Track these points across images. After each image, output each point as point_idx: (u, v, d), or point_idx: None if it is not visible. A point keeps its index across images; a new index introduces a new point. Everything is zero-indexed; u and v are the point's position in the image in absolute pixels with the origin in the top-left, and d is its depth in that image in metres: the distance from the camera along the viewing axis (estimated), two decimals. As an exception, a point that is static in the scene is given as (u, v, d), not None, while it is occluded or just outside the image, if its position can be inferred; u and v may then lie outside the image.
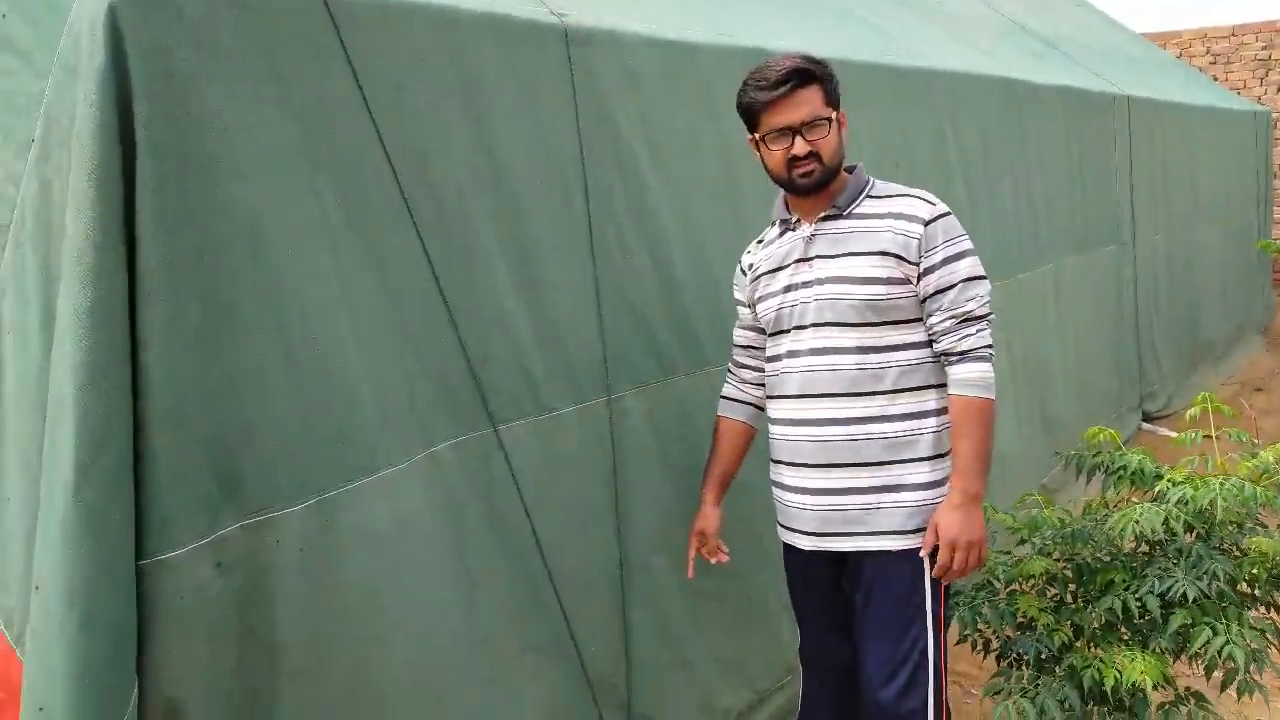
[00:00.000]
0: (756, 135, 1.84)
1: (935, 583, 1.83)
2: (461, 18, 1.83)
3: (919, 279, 1.79)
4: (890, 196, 1.85)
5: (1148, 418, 5.33)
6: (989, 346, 1.79)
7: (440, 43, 1.79)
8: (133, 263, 1.31)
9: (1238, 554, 2.07)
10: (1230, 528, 2.08)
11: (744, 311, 2.05)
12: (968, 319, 1.77)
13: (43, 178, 1.39)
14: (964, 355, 1.77)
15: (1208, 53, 9.27)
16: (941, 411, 1.83)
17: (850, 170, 1.89)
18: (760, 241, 2.02)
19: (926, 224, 1.79)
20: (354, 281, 1.62)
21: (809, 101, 1.78)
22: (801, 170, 1.79)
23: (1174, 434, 5.51)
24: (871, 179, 1.89)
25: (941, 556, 1.77)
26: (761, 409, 2.06)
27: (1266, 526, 2.14)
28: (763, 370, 2.03)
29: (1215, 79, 9.16)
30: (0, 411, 1.50)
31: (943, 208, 1.81)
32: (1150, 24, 9.09)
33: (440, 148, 1.79)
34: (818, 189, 1.83)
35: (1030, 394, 3.74)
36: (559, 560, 1.98)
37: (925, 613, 1.82)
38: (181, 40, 1.37)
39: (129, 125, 1.30)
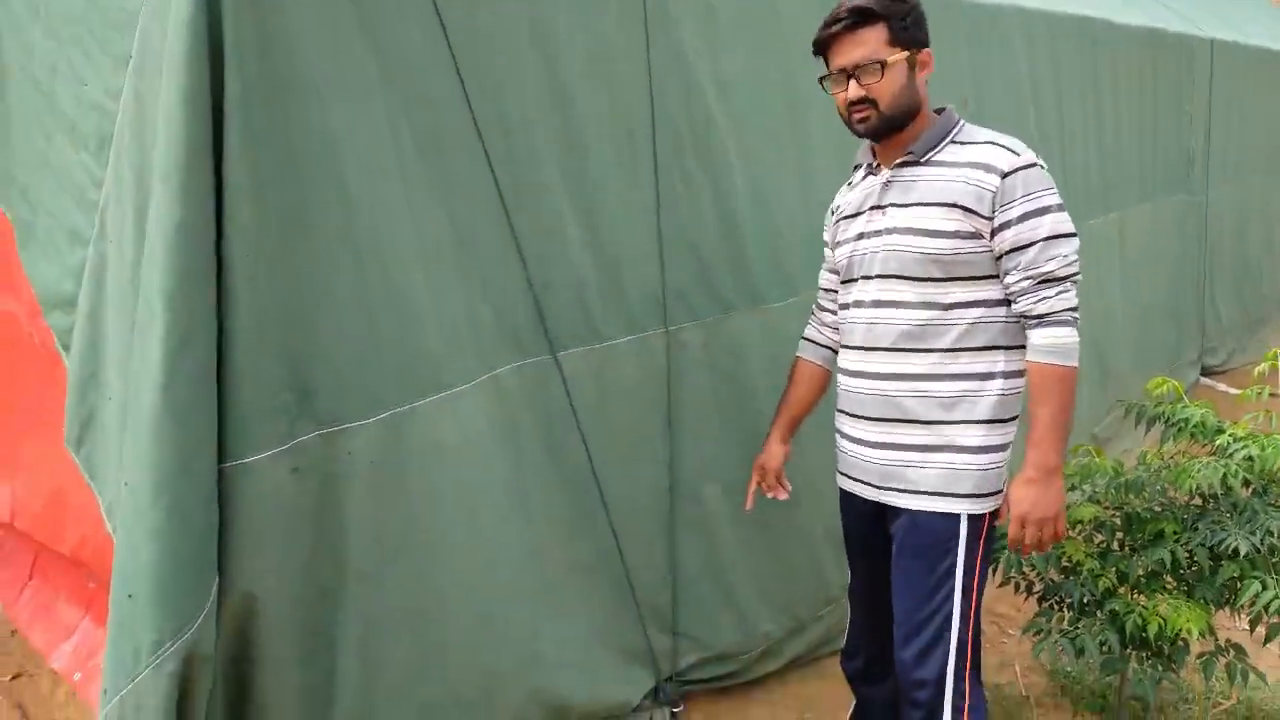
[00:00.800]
0: (821, 76, 1.79)
1: (972, 552, 1.75)
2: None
3: (993, 234, 1.68)
4: (974, 144, 1.73)
5: (1207, 372, 5.24)
6: (1072, 309, 1.66)
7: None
8: (219, 178, 1.36)
9: (1292, 504, 2.06)
10: (1289, 472, 2.05)
11: (828, 253, 1.99)
12: (1047, 280, 1.65)
13: (138, 92, 1.44)
14: (1043, 319, 1.66)
15: (1300, -5, 8.78)
16: (1011, 375, 1.73)
17: (940, 112, 1.78)
18: (849, 184, 1.95)
19: (1005, 176, 1.67)
20: (423, 208, 1.66)
21: (866, 42, 1.68)
22: (858, 115, 1.73)
23: (1234, 390, 5.41)
24: (962, 123, 1.77)
25: (1012, 531, 1.69)
26: (832, 355, 2.03)
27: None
28: (832, 320, 2.01)
29: (1306, 23, 8.71)
30: (104, 317, 1.58)
31: (1028, 158, 1.68)
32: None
33: (512, 79, 1.81)
34: (879, 135, 1.76)
35: (1089, 342, 3.67)
36: (611, 484, 2.04)
37: (955, 579, 1.74)
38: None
39: (218, 45, 1.35)
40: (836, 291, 1.97)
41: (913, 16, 1.71)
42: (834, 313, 2.00)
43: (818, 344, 2.04)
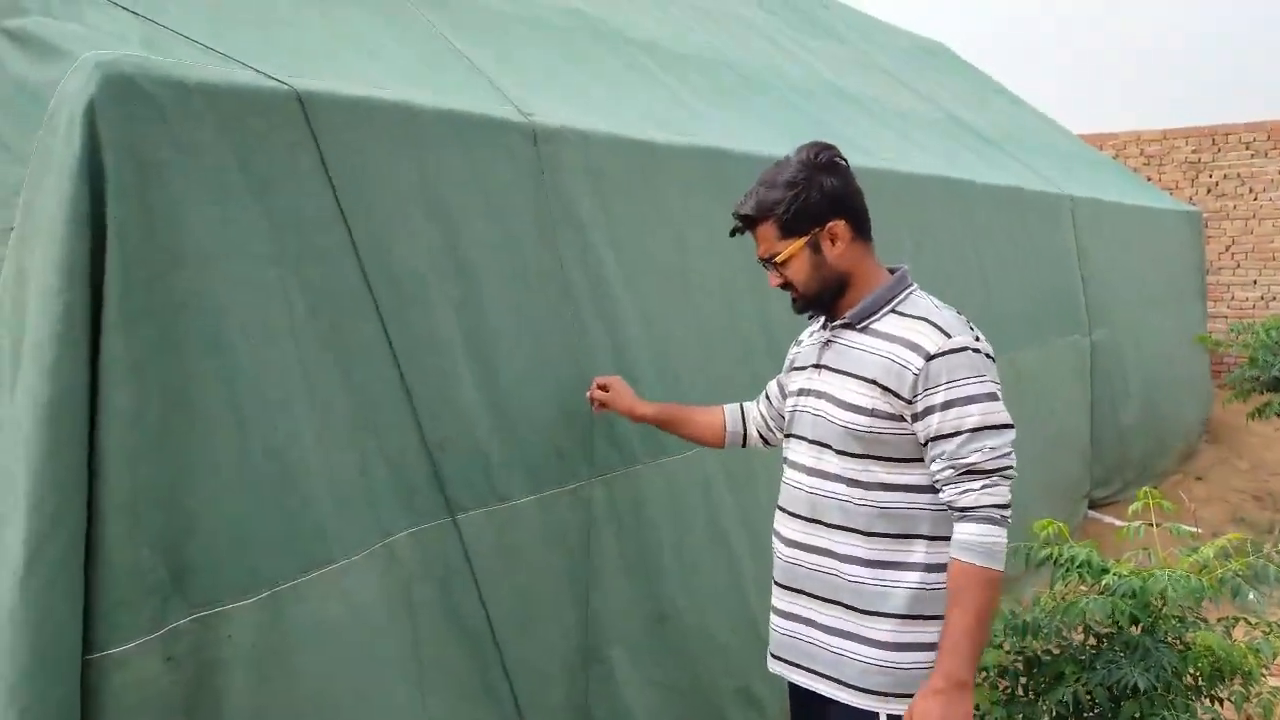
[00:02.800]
0: None
1: None
2: (431, 115, 1.90)
3: (915, 419, 1.59)
4: (910, 318, 1.64)
5: (1096, 505, 5.44)
6: (1000, 506, 1.54)
7: (408, 138, 1.85)
8: (96, 352, 1.32)
9: (1181, 647, 2.11)
10: (1173, 621, 2.12)
11: (784, 375, 1.95)
12: (972, 471, 1.55)
13: (19, 264, 1.40)
14: (965, 513, 1.55)
15: (1141, 154, 9.74)
16: (932, 568, 1.62)
17: (894, 272, 1.72)
18: (809, 329, 1.90)
19: (930, 359, 1.57)
20: (316, 371, 1.64)
21: (764, 239, 1.70)
22: (791, 298, 1.74)
23: (1119, 522, 5.63)
24: (909, 290, 1.69)
25: None
26: (741, 432, 2.05)
27: (1207, 620, 2.19)
28: (766, 417, 2.01)
29: (1149, 179, 9.62)
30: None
31: (960, 341, 1.58)
32: (1085, 125, 9.52)
33: (406, 240, 1.83)
34: (809, 311, 1.75)
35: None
36: (514, 652, 1.96)
37: None
38: (157, 136, 1.41)
39: (100, 218, 1.33)
40: (771, 400, 1.99)
41: (794, 205, 1.64)
42: (763, 412, 2.01)
43: (739, 409, 2.05)
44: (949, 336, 1.59)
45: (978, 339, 1.62)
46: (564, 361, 2.16)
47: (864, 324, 1.68)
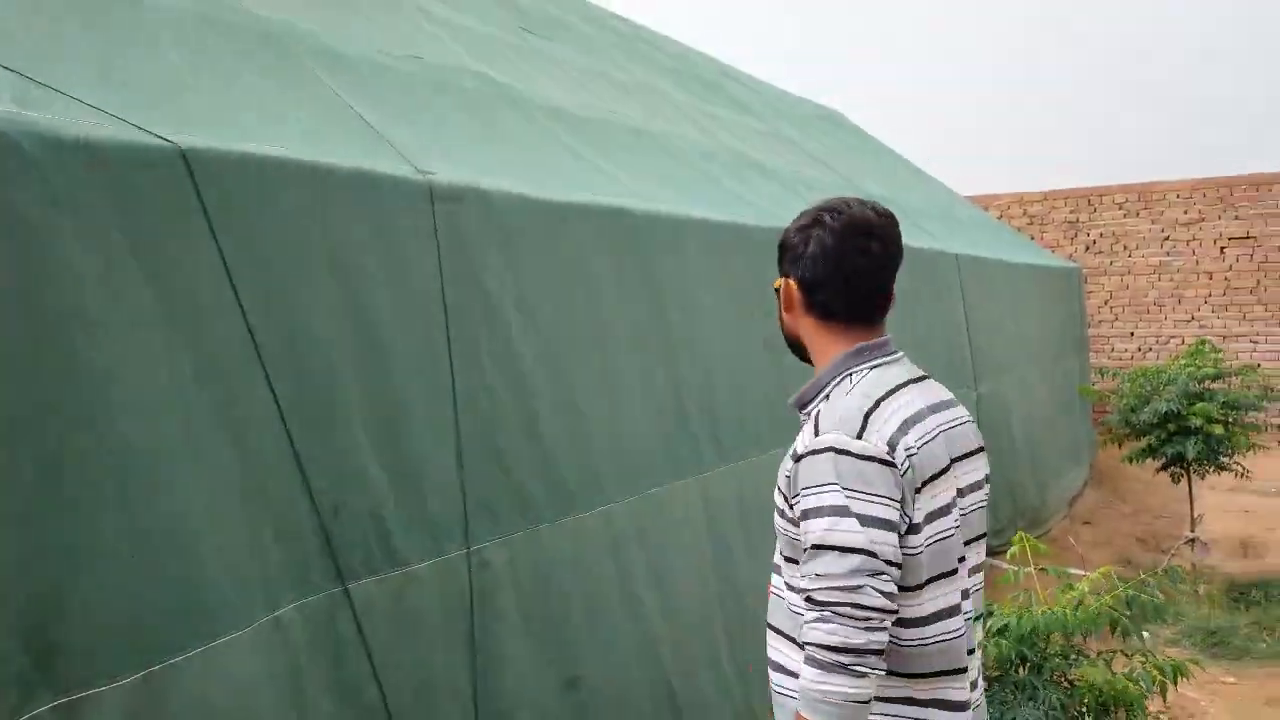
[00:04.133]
0: None
1: None
2: (324, 174, 1.88)
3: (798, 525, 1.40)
4: (828, 403, 1.45)
5: (991, 552, 5.61)
6: (827, 648, 1.28)
7: (303, 198, 1.82)
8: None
9: (1066, 684, 2.18)
10: (1058, 659, 2.19)
11: None
12: (809, 599, 1.32)
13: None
14: (804, 648, 1.32)
15: (1024, 214, 10.28)
16: None
17: (861, 349, 1.48)
18: None
19: (797, 459, 1.41)
20: (203, 438, 1.57)
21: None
22: None
23: (1011, 566, 5.84)
24: (846, 374, 1.46)
25: None
26: None
27: (1089, 655, 2.27)
28: None
29: (1032, 238, 10.15)
30: None
31: (826, 441, 1.36)
32: (974, 188, 10.02)
33: (300, 301, 1.79)
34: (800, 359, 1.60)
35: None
36: (411, 725, 1.89)
37: None
38: (35, 195, 1.35)
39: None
40: None
41: (779, 246, 1.55)
42: None
43: None
44: (817, 435, 1.38)
45: (860, 434, 1.35)
46: (468, 421, 2.13)
47: (804, 410, 1.51)
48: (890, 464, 1.33)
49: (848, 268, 1.46)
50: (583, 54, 4.41)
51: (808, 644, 1.30)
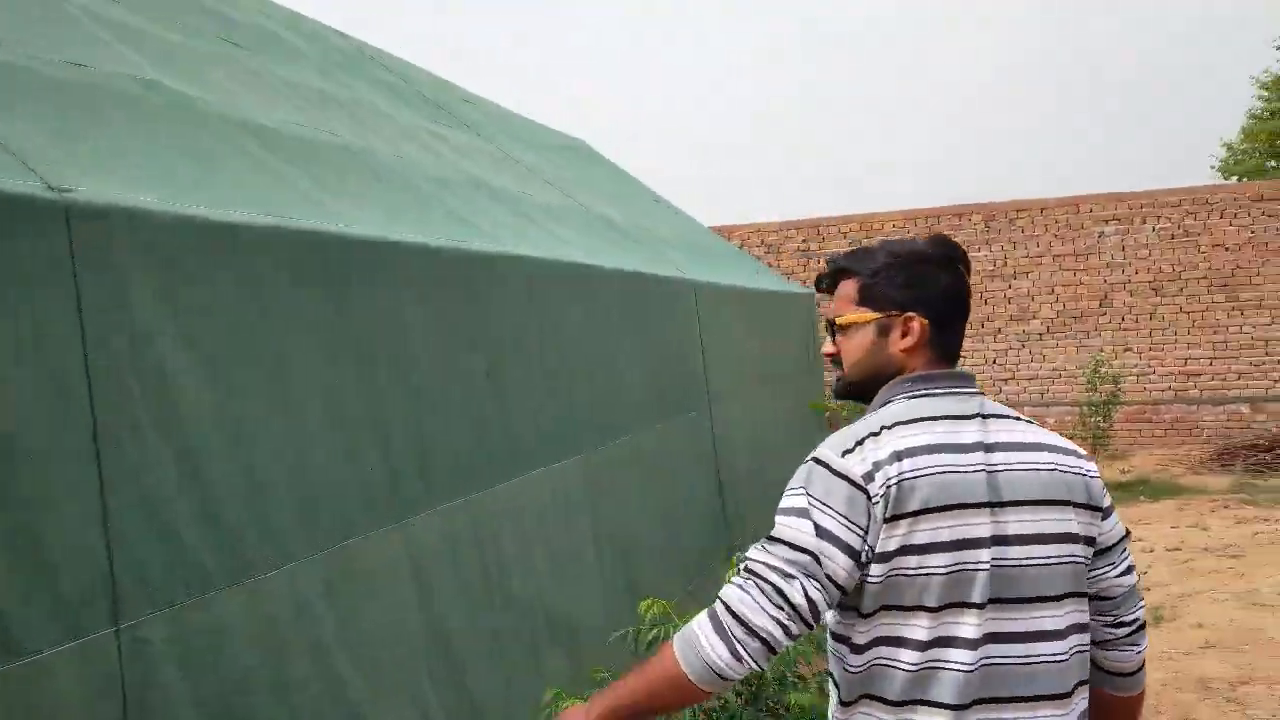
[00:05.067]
0: None
1: None
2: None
3: None
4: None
5: (737, 570, 5.77)
6: (733, 614, 1.33)
7: None
8: None
9: (783, 711, 2.19)
10: (774, 686, 2.20)
11: None
12: (744, 568, 1.39)
13: None
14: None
15: (762, 244, 10.88)
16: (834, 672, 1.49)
17: (904, 380, 1.48)
18: None
19: None
20: None
21: (841, 296, 1.54)
22: (836, 375, 1.57)
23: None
24: (888, 401, 1.47)
25: None
26: None
27: (805, 679, 2.30)
28: None
29: (771, 266, 10.75)
30: None
31: (813, 453, 1.44)
32: (716, 219, 10.48)
33: None
34: (844, 398, 1.58)
35: (617, 566, 3.85)
36: None
37: None
38: None
39: None
40: None
41: (886, 274, 1.49)
42: None
43: None
44: (814, 450, 1.46)
45: (847, 454, 1.38)
46: (115, 475, 1.83)
47: None
48: (860, 488, 1.34)
49: (967, 304, 1.51)
50: (292, 67, 4.11)
51: (718, 597, 1.35)
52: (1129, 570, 1.51)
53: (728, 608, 1.33)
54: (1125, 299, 9.99)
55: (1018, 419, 1.47)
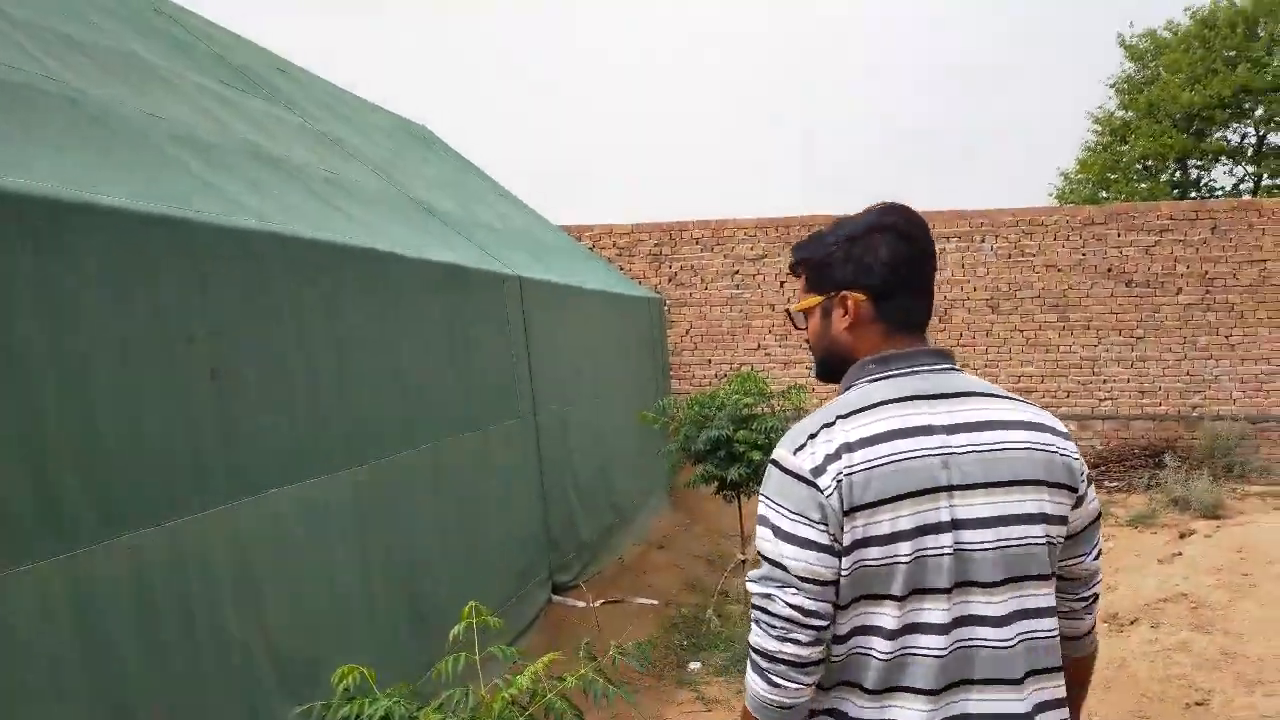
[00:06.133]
0: None
1: None
2: None
3: None
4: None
5: (560, 589, 5.36)
6: (755, 651, 1.37)
7: None
8: None
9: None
10: None
11: None
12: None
13: None
14: None
15: (614, 245, 10.56)
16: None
17: (863, 365, 1.46)
18: None
19: None
20: None
21: (801, 284, 1.55)
22: None
23: (581, 603, 5.66)
24: (849, 386, 1.45)
25: None
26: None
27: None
28: None
29: (622, 269, 10.43)
30: None
31: (774, 453, 1.41)
32: (570, 218, 10.08)
33: None
34: (824, 380, 1.55)
35: (395, 594, 3.37)
36: None
37: None
38: None
39: None
40: None
41: (828, 255, 1.48)
42: None
43: None
44: (776, 446, 1.42)
45: (798, 450, 1.36)
46: None
47: None
48: (810, 483, 1.32)
49: (920, 270, 1.45)
50: (41, 10, 3.46)
51: (748, 642, 1.39)
52: (1099, 553, 1.53)
53: (751, 648, 1.38)
54: (964, 315, 10.18)
55: (993, 395, 1.41)
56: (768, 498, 1.36)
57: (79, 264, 2.08)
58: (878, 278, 1.43)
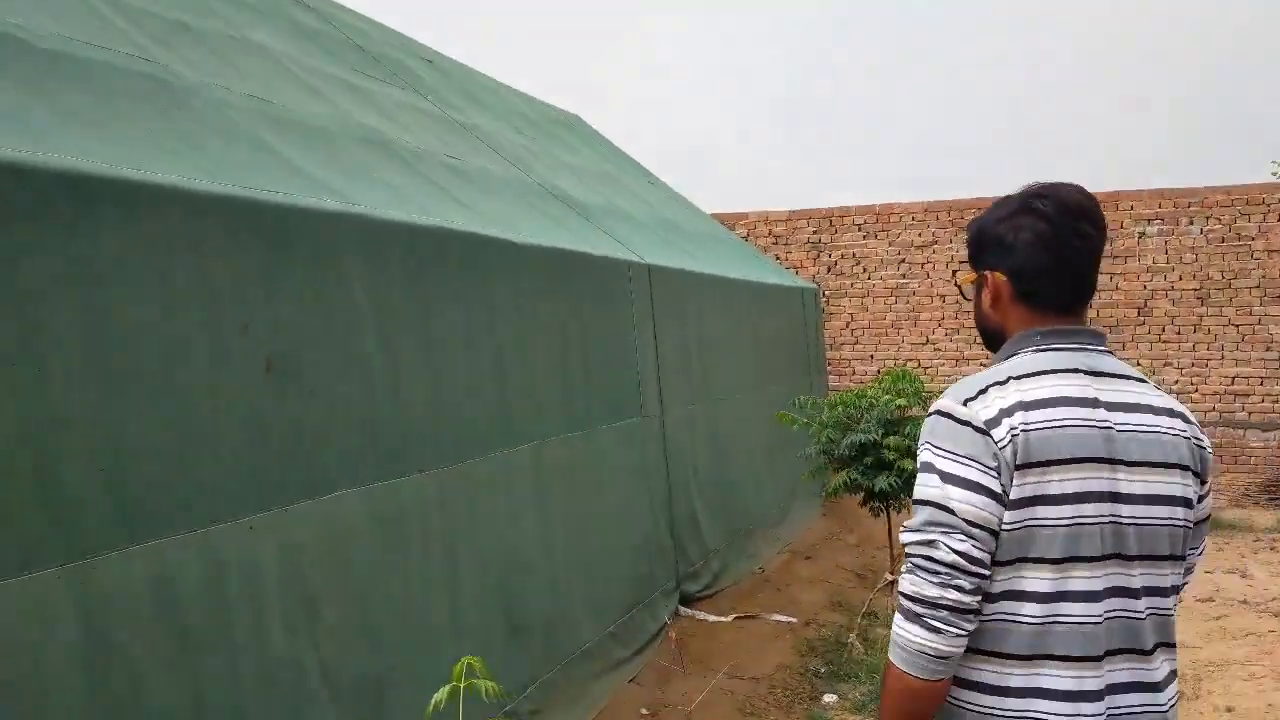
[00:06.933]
0: None
1: None
2: None
3: None
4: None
5: (689, 599, 5.00)
6: (910, 599, 1.34)
7: None
8: None
9: None
10: None
11: None
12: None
13: None
14: None
15: (769, 234, 10.08)
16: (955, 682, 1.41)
17: (1028, 335, 1.47)
18: None
19: None
20: None
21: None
22: None
23: (713, 617, 5.27)
24: (1012, 354, 1.46)
25: None
26: None
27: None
28: None
29: (777, 258, 9.94)
30: None
31: (934, 405, 1.43)
32: (723, 206, 9.69)
33: None
34: (990, 348, 1.58)
35: (488, 604, 3.12)
36: None
37: None
38: None
39: None
40: None
41: (974, 237, 1.55)
42: None
43: None
44: (939, 398, 1.45)
45: (969, 402, 1.38)
46: None
47: None
48: (983, 432, 1.34)
49: (1067, 252, 1.44)
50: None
51: (900, 595, 1.37)
52: (1203, 550, 1.56)
53: (905, 595, 1.36)
54: (1166, 308, 9.03)
55: (1141, 380, 1.45)
56: (933, 444, 1.37)
57: (105, 242, 1.91)
58: (1019, 260, 1.45)
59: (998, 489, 1.31)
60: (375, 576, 2.54)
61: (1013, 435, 1.31)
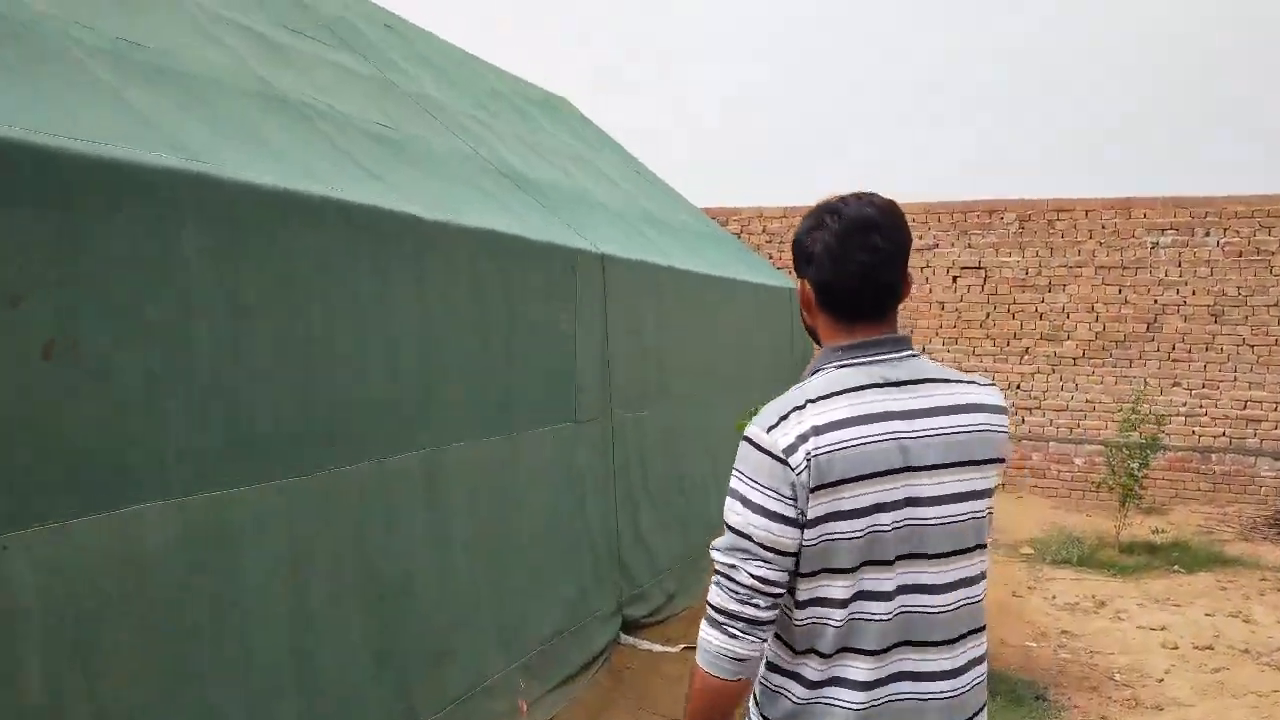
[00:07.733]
0: None
1: None
2: None
3: None
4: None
5: (633, 625, 4.55)
6: (714, 609, 1.47)
7: None
8: None
9: None
10: None
11: None
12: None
13: None
14: None
15: (764, 230, 9.61)
16: (768, 666, 1.56)
17: (833, 350, 1.55)
18: None
19: None
20: None
21: None
22: None
23: (659, 647, 4.80)
24: (816, 370, 1.53)
25: None
26: None
27: None
28: None
29: (771, 257, 9.48)
30: None
31: (746, 430, 1.49)
32: (715, 200, 9.24)
33: None
34: None
35: (359, 625, 2.68)
36: None
37: None
38: None
39: None
40: None
41: (793, 248, 1.59)
42: None
43: None
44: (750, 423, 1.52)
45: (772, 429, 1.43)
46: None
47: None
48: (782, 461, 1.42)
49: (852, 267, 1.48)
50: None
51: (706, 600, 1.50)
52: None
53: (711, 605, 1.48)
54: (1178, 324, 8.52)
55: (946, 380, 1.51)
56: (741, 472, 1.45)
57: None
58: (816, 272, 1.52)
59: (794, 515, 1.40)
60: (179, 603, 2.11)
61: (808, 460, 1.39)
